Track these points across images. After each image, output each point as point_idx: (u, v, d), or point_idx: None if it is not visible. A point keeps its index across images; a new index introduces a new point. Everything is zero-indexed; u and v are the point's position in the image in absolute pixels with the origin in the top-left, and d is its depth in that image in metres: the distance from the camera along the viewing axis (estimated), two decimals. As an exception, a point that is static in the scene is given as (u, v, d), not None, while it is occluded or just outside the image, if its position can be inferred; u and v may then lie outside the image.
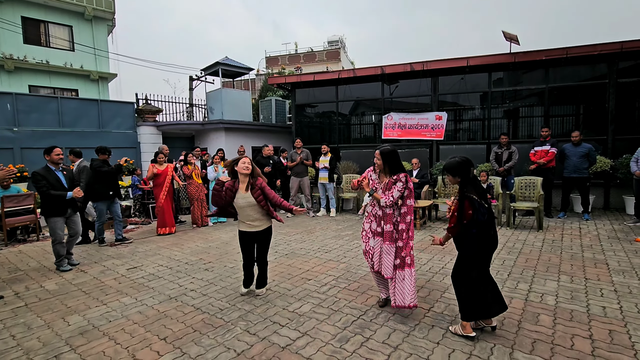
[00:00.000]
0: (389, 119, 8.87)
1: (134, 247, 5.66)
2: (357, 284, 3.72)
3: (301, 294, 3.51)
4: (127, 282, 4.05)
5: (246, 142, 10.75)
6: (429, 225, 6.61)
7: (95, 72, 13.78)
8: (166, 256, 5.06)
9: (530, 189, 6.31)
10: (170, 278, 4.11)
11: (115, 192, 5.75)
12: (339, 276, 3.98)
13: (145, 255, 5.15)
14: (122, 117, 10.24)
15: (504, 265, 4.15)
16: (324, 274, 4.09)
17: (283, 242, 5.62)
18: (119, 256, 5.14)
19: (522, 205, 6.07)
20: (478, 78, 8.21)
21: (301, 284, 3.80)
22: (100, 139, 9.58)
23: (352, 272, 4.11)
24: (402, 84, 9.02)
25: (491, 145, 8.02)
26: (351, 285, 3.69)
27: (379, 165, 2.97)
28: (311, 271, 4.18)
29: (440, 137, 8.32)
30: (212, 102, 11.48)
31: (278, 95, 14.41)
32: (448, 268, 4.09)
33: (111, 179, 5.71)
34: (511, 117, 8.31)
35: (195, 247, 5.51)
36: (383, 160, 2.95)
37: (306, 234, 6.20)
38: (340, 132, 9.92)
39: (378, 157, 2.91)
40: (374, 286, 3.65)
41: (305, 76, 9.73)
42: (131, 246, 5.71)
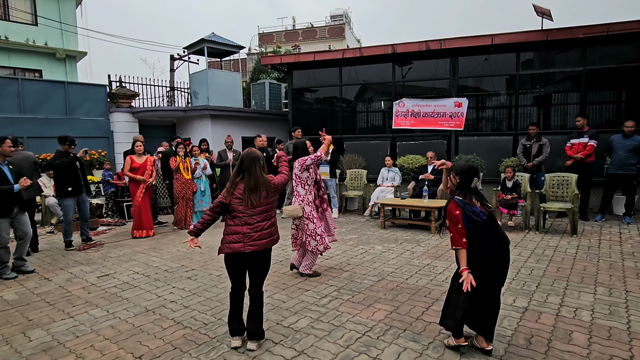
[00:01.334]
0: (400, 105, 8.85)
1: (105, 251, 5.67)
2: (362, 296, 3.72)
3: (297, 307, 3.50)
4: (97, 291, 4.03)
5: (235, 132, 10.74)
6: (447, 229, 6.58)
7: (61, 50, 13.72)
8: (143, 262, 5.06)
9: (564, 187, 6.30)
10: (147, 287, 4.11)
11: (75, 188, 5.75)
12: (342, 286, 3.98)
13: (118, 260, 5.16)
14: (92, 102, 10.22)
15: (532, 275, 4.15)
16: (324, 283, 4.09)
17: (277, 247, 5.62)
18: (89, 262, 5.14)
19: (554, 206, 6.06)
20: (504, 59, 8.17)
21: (297, 295, 3.79)
22: (67, 126, 9.57)
23: (357, 281, 4.11)
24: (416, 66, 8.98)
25: (518, 136, 8.01)
26: (355, 297, 3.69)
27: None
28: (309, 280, 4.19)
29: (459, 127, 8.31)
30: (197, 85, 11.46)
31: (272, 78, 14.39)
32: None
33: (70, 174, 5.71)
34: (542, 104, 8.27)
35: (177, 252, 5.51)
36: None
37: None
38: (344, 121, 9.90)
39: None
40: (382, 298, 3.65)
41: (304, 55, 9.70)
42: (103, 250, 5.72)
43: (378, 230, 6.61)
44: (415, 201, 6.73)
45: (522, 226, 6.39)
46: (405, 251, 5.26)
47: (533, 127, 6.95)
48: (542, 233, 6.06)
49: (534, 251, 5.07)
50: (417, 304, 3.48)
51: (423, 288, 3.87)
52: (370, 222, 7.40)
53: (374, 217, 7.72)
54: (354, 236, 6.22)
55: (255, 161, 2.81)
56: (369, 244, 5.71)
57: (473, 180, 2.69)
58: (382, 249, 5.42)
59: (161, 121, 11.52)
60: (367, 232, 6.52)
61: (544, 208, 6.10)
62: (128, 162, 6.44)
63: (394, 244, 5.64)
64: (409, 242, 5.77)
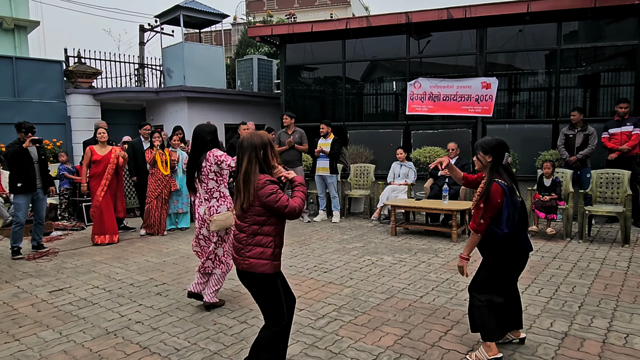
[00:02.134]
0: (416, 86, 8.82)
1: (60, 261, 5.66)
2: (366, 317, 3.71)
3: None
4: (48, 309, 4.01)
5: (217, 118, 10.69)
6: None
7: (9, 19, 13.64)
8: (104, 274, 5.05)
9: (614, 186, 6.27)
10: (109, 305, 4.10)
11: (26, 183, 5.76)
12: (342, 305, 3.97)
13: (75, 272, 5.15)
14: (45, 82, 10.18)
15: (573, 294, 4.12)
16: (322, 301, 4.07)
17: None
18: (40, 274, 5.12)
19: (602, 210, 6.03)
20: (543, 30, 8.12)
21: (290, 315, 3.78)
22: (15, 111, 9.54)
23: (361, 299, 4.10)
24: (436, 38, 8.93)
25: (559, 125, 7.97)
26: (359, 319, 3.67)
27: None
28: (304, 297, 4.17)
29: (488, 113, 8.28)
30: (171, 62, 11.41)
31: (262, 53, 14.32)
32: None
33: (19, 166, 5.73)
34: (588, 85, 8.23)
35: (145, 263, 5.50)
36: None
37: (298, 245, 6.18)
38: (348, 105, 9.86)
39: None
40: (391, 320, 3.63)
41: (300, 26, 9.65)
42: (57, 260, 5.71)
43: (388, 238, 6.59)
44: (433, 203, 6.70)
45: (562, 233, 6.36)
46: (420, 263, 5.24)
47: (577, 113, 6.92)
48: (587, 242, 6.03)
49: (576, 264, 5.05)
50: (434, 328, 3.46)
51: (441, 308, 3.85)
52: (378, 227, 7.39)
53: (383, 221, 7.70)
54: (358, 244, 6.20)
55: (252, 150, 2.51)
56: (376, 254, 5.69)
57: (505, 156, 2.87)
58: (392, 260, 5.40)
59: (128, 105, 11.47)
60: (375, 239, 6.50)
61: (589, 212, 6.07)
62: (88, 154, 6.42)
63: (407, 255, 5.62)
64: (425, 252, 5.75)
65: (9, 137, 7.64)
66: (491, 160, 2.86)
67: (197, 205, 3.92)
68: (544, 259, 5.29)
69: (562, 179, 6.43)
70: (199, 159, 3.80)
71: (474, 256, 3.07)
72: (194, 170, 3.84)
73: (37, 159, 5.95)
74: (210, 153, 3.79)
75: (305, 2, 30.05)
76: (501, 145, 2.87)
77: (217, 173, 3.82)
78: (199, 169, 3.80)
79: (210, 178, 3.82)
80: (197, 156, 3.82)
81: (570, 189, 6.38)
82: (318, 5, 29.77)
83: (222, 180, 3.88)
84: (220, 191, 3.88)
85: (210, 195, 3.84)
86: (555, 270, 4.84)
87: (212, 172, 3.81)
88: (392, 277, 4.74)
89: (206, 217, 3.82)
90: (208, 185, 3.84)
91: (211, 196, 3.84)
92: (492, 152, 2.85)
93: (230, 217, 3.73)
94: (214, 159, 3.77)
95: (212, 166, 3.78)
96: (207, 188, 3.84)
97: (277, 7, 29.77)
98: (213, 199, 3.85)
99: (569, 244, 5.98)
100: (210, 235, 3.92)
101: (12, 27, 13.75)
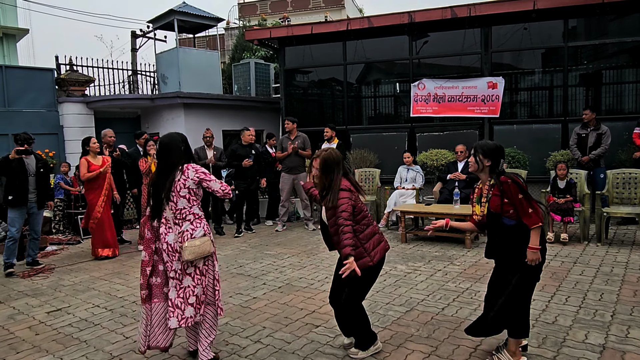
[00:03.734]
0: (420, 88, 8.70)
1: (57, 278, 5.48)
2: (388, 333, 3.54)
3: (306, 349, 3.33)
4: (47, 332, 3.85)
5: (215, 124, 10.52)
6: (483, 240, 6.43)
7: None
8: (104, 292, 4.88)
9: (631, 186, 6.15)
10: (112, 325, 3.93)
11: (17, 196, 5.60)
12: (361, 320, 3.78)
13: (73, 290, 4.97)
14: (36, 90, 9.98)
15: (603, 302, 3.97)
16: (339, 316, 3.89)
17: (274, 268, 5.44)
18: (36, 292, 4.94)
19: (620, 211, 5.92)
20: (549, 27, 8.06)
21: (305, 332, 3.61)
22: (6, 121, 9.35)
23: (379, 313, 3.93)
24: (440, 38, 8.83)
25: (569, 124, 7.87)
26: (380, 334, 3.50)
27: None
28: (318, 312, 4.00)
29: (495, 114, 8.17)
30: (165, 68, 11.24)
31: (258, 57, 14.18)
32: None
33: (12, 178, 5.59)
34: (598, 83, 8.15)
35: (146, 278, 5.33)
36: None
37: (306, 255, 6.01)
38: (350, 109, 9.73)
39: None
40: (415, 335, 3.46)
41: (300, 28, 9.52)
42: (53, 277, 5.53)
43: (398, 245, 6.43)
44: (443, 207, 6.55)
45: (579, 236, 6.22)
46: (436, 271, 5.08)
47: (588, 113, 6.80)
48: (606, 245, 5.91)
49: (599, 269, 4.91)
50: (462, 343, 3.30)
51: (465, 321, 3.68)
52: (387, 233, 7.22)
53: (391, 227, 7.54)
54: (369, 253, 6.02)
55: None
56: (388, 262, 5.52)
57: (500, 161, 2.92)
58: (406, 269, 5.23)
59: (122, 112, 11.28)
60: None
61: (607, 214, 5.94)
62: (84, 165, 6.24)
63: (421, 263, 5.46)
64: (439, 259, 5.59)
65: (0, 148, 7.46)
66: (490, 165, 2.90)
67: (164, 234, 3.05)
68: (565, 264, 5.15)
69: (577, 180, 6.30)
70: (171, 175, 3.05)
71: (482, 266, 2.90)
72: (161, 190, 3.03)
73: (35, 172, 5.78)
74: (188, 166, 3.08)
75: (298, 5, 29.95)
76: (500, 150, 2.94)
77: (191, 191, 3.06)
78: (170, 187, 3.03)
79: (181, 195, 3.03)
80: (168, 173, 3.06)
81: (585, 190, 6.26)
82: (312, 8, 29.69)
83: (196, 200, 3.11)
84: (194, 213, 3.09)
85: (182, 218, 3.04)
86: (578, 276, 4.69)
87: (186, 189, 3.03)
88: (408, 287, 4.57)
89: (178, 246, 3.00)
90: (177, 205, 3.02)
91: (183, 219, 3.03)
92: (491, 155, 2.89)
93: (208, 243, 3.04)
94: (195, 173, 3.06)
95: (187, 181, 3.04)
96: (175, 209, 3.03)
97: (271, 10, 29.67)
98: (185, 221, 3.04)
99: (587, 247, 5.84)
100: (184, 269, 3.03)
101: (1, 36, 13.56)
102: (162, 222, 3.08)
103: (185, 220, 3.04)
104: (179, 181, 3.02)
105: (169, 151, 3.11)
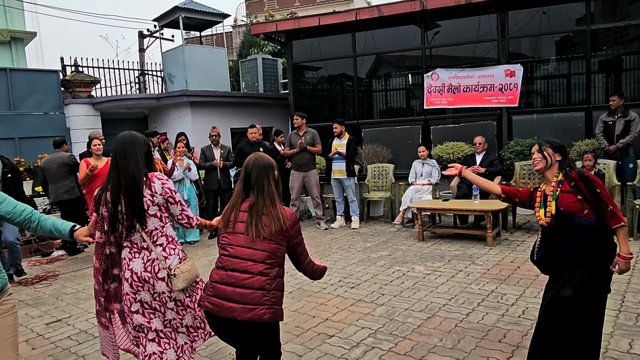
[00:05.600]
0: (433, 78, 8.33)
1: (60, 285, 5.29)
2: (408, 343, 3.23)
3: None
4: (44, 346, 3.65)
5: (222, 122, 10.30)
6: (506, 237, 6.09)
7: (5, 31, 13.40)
8: (107, 300, 4.65)
9: (664, 176, 5.73)
10: (111, 338, 3.68)
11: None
12: (378, 329, 3.50)
13: (75, 299, 4.77)
14: (42, 93, 9.88)
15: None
16: (354, 324, 3.62)
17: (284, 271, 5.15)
18: (37, 302, 4.76)
19: (653, 203, 5.51)
20: (570, 10, 7.65)
21: (318, 343, 3.34)
22: (12, 125, 9.25)
23: (398, 321, 3.63)
24: (453, 26, 8.44)
25: (592, 111, 7.46)
26: (400, 345, 3.20)
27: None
28: (332, 320, 3.72)
29: (513, 103, 7.77)
30: (172, 66, 11.04)
31: (266, 53, 13.92)
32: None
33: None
34: (624, 68, 7.71)
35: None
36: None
37: (318, 256, 5.70)
38: (361, 102, 9.42)
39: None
40: (438, 345, 3.16)
41: (307, 20, 9.21)
42: (56, 284, 5.35)
43: (415, 244, 6.11)
44: (463, 203, 6.21)
45: (608, 231, 5.83)
46: (457, 272, 4.75)
47: (616, 99, 6.40)
48: (638, 239, 5.51)
49: (634, 266, 4.54)
50: (491, 355, 2.98)
51: (494, 328, 3.37)
52: (402, 232, 6.91)
53: (407, 225, 7.22)
54: (384, 253, 5.73)
55: (265, 171, 2.36)
56: (405, 263, 5.21)
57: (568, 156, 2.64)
58: (424, 270, 4.92)
59: (129, 113, 11.14)
60: (401, 246, 6.02)
61: (639, 206, 5.54)
62: (84, 167, 6.02)
63: (440, 263, 5.13)
64: (460, 258, 5.26)
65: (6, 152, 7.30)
66: (560, 159, 2.56)
67: (128, 259, 2.49)
68: (596, 261, 4.78)
69: (605, 171, 5.91)
70: (137, 188, 2.42)
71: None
72: (129, 207, 2.41)
73: (0, 177, 5.42)
74: (152, 176, 2.52)
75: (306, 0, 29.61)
76: (564, 147, 2.65)
77: (162, 207, 2.50)
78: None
79: (150, 214, 2.47)
80: (131, 185, 2.41)
81: (614, 181, 5.87)
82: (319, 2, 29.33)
83: (169, 218, 2.59)
84: (167, 235, 2.55)
85: (153, 242, 2.48)
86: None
87: (156, 206, 2.48)
88: (428, 290, 4.26)
89: (147, 275, 2.45)
90: (147, 226, 2.47)
91: (154, 242, 2.49)
92: (561, 149, 2.57)
93: (194, 267, 2.60)
94: (161, 187, 2.50)
95: (155, 196, 2.47)
96: (145, 231, 2.48)
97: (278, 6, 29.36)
98: (157, 246, 2.49)
99: (619, 242, 5.46)
100: (162, 302, 2.53)
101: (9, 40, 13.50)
102: (127, 246, 2.52)
103: (156, 244, 2.49)
104: (146, 198, 2.44)
105: (130, 155, 2.44)
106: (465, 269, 4.86)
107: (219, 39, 23.70)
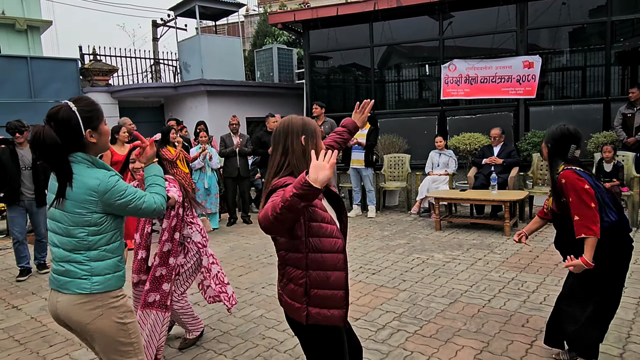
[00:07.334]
0: (451, 69, 8.33)
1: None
2: (433, 326, 3.33)
3: (348, 344, 3.13)
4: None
5: (238, 111, 10.35)
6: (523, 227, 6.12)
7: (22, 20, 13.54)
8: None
9: (683, 169, 5.74)
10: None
11: (8, 193, 5.03)
12: (402, 313, 3.60)
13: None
14: (61, 81, 10.00)
15: (664, 292, 3.68)
16: (378, 308, 3.72)
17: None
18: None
19: (673, 195, 5.52)
20: (590, 0, 7.60)
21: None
22: (32, 112, 9.34)
23: (421, 305, 3.72)
24: (472, 16, 8.42)
25: (611, 103, 7.43)
26: (425, 329, 3.30)
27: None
28: (357, 304, 3.82)
29: (531, 95, 7.76)
30: (187, 56, 11.12)
31: (280, 42, 13.93)
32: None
33: (1, 172, 5.02)
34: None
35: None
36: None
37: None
38: (377, 92, 9.44)
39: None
40: (462, 329, 3.25)
41: (324, 10, 9.22)
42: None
43: (432, 233, 6.19)
44: (480, 193, 6.27)
45: (626, 222, 5.86)
46: (476, 260, 4.83)
47: (636, 90, 6.38)
48: (657, 231, 5.55)
49: (654, 257, 4.57)
50: (515, 338, 3.07)
51: (516, 314, 3.45)
52: (419, 221, 6.98)
53: (423, 214, 7.29)
54: (402, 241, 5.81)
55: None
56: (424, 251, 5.30)
57: (569, 148, 2.59)
58: (444, 258, 5.00)
59: (146, 102, 11.26)
60: (419, 235, 6.10)
61: (658, 198, 5.57)
62: (108, 155, 6.13)
63: (459, 251, 5.21)
64: (478, 247, 5.33)
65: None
66: (548, 152, 2.67)
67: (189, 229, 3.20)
68: (615, 252, 4.83)
69: (624, 163, 5.93)
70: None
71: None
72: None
73: (30, 164, 5.21)
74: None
75: (318, -10, 29.40)
76: (565, 136, 2.61)
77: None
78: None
79: None
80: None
81: (634, 173, 5.88)
82: (332, -8, 29.13)
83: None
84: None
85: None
86: (632, 265, 4.37)
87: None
88: (449, 277, 4.35)
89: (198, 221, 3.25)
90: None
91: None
92: (552, 140, 2.64)
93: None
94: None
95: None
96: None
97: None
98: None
99: (637, 233, 5.49)
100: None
101: (25, 28, 13.65)
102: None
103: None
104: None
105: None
106: (484, 257, 4.93)
107: (230, 29, 23.67)
